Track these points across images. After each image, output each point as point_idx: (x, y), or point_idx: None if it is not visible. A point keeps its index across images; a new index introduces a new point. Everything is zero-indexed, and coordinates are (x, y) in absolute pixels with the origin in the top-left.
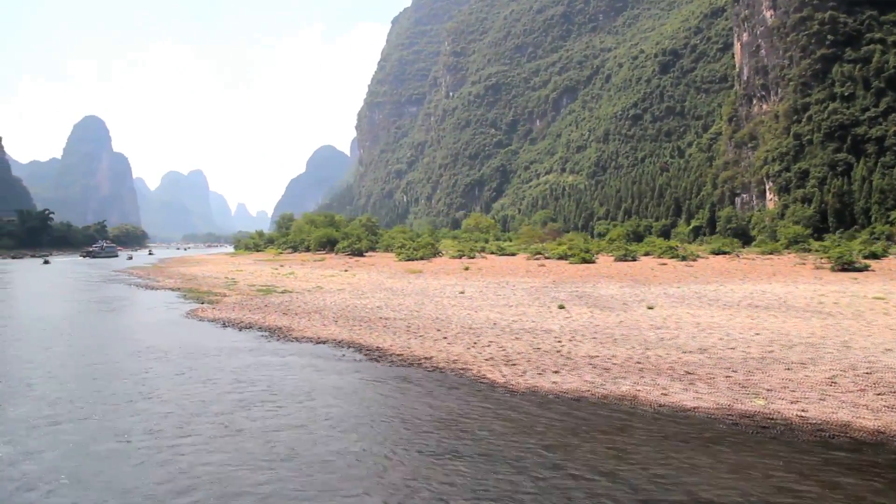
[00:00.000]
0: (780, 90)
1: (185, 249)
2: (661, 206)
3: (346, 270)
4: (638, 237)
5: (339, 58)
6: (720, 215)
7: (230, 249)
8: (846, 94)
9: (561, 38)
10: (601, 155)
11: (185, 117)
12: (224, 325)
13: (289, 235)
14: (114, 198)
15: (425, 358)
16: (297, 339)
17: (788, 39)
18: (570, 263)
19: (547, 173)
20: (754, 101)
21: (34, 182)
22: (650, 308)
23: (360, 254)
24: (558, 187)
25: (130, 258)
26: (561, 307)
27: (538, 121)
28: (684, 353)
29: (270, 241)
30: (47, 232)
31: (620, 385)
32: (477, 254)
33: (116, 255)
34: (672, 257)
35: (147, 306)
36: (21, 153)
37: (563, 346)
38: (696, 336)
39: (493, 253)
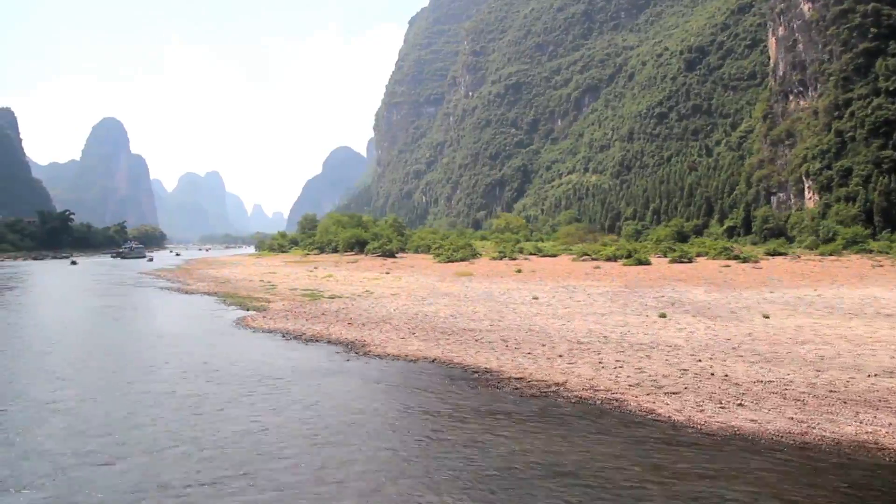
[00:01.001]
0: (819, 86)
1: (207, 251)
2: (691, 205)
3: (387, 273)
4: (682, 237)
5: (355, 59)
6: (756, 215)
7: (248, 250)
8: (891, 88)
9: (582, 37)
10: (625, 154)
11: (202, 119)
12: (285, 338)
13: (315, 236)
14: (131, 199)
15: (555, 384)
16: (379, 356)
17: (828, 33)
18: (625, 265)
19: (569, 173)
20: (791, 98)
21: (53, 184)
22: (767, 317)
23: (391, 255)
24: (581, 187)
25: (151, 260)
26: (663, 316)
27: (559, 120)
28: (871, 376)
29: (294, 242)
30: (68, 233)
31: (841, 425)
32: (518, 255)
33: (145, 256)
34: (729, 258)
35: (188, 314)
36: (40, 155)
37: (710, 366)
38: (859, 354)
39: (532, 254)
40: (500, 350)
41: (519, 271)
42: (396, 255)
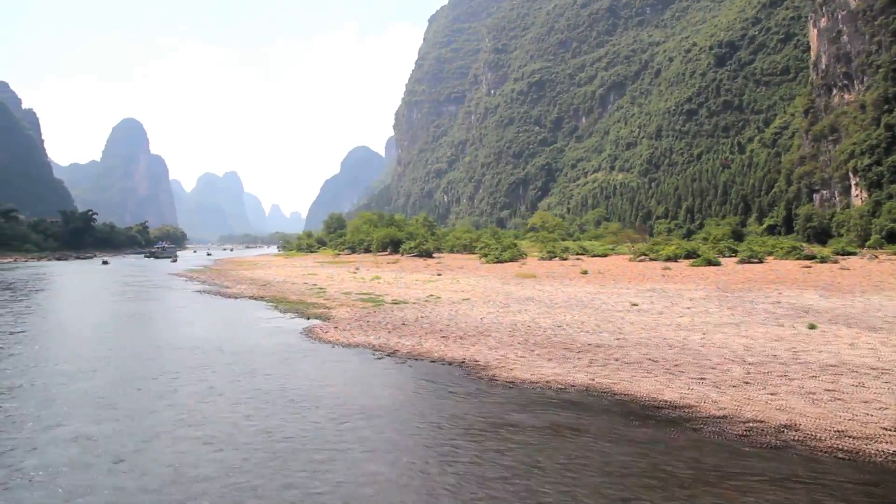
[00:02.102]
0: (866, 78)
1: (231, 250)
2: (726, 204)
3: (439, 275)
4: (738, 236)
5: (370, 59)
6: (798, 213)
7: (269, 251)
8: None
9: (607, 33)
10: (653, 152)
11: (221, 120)
12: (375, 355)
13: (345, 236)
14: (151, 199)
15: (782, 426)
16: (510, 383)
17: (876, 23)
18: (693, 265)
19: (595, 171)
20: (834, 91)
21: (74, 184)
22: None
23: (428, 255)
24: (608, 186)
25: (175, 260)
26: (811, 327)
27: (584, 118)
28: None
29: (321, 242)
30: (91, 233)
31: None
32: (567, 255)
33: (175, 256)
34: (799, 258)
35: (241, 322)
36: (62, 156)
37: None
38: None
39: (579, 254)
40: (660, 374)
41: (585, 273)
42: (433, 256)
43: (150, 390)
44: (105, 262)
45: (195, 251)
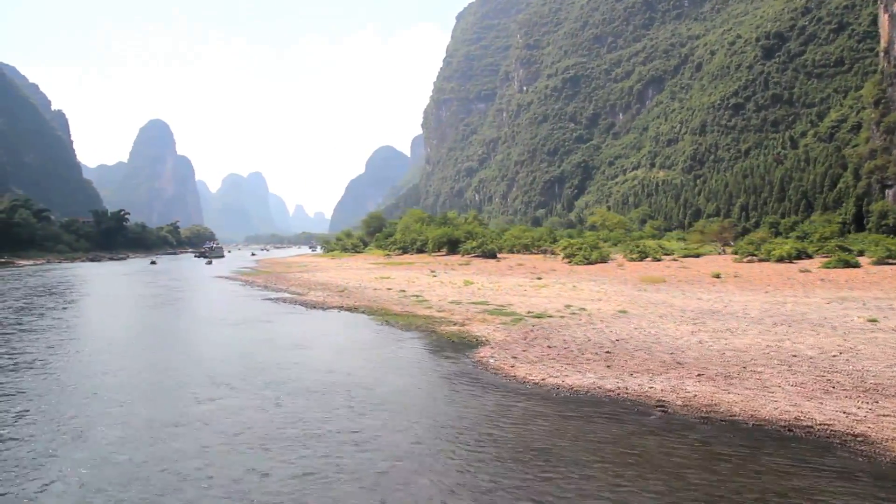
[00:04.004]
0: None
1: (267, 251)
2: (784, 200)
3: (539, 278)
4: (843, 234)
5: (394, 59)
6: (871, 210)
7: (301, 250)
8: None
9: (643, 27)
10: (697, 148)
11: (245, 120)
12: (640, 409)
13: (395, 235)
14: (178, 200)
15: None
16: None
17: None
18: (829, 267)
19: (634, 168)
20: None
21: (102, 185)
22: None
23: (492, 255)
24: (650, 183)
25: (210, 262)
26: None
27: (621, 114)
28: None
29: (363, 242)
30: (122, 233)
31: None
32: (661, 256)
33: (223, 256)
34: None
35: (364, 345)
36: (89, 157)
37: None
38: None
39: (667, 254)
40: None
41: (718, 276)
42: (497, 256)
43: (307, 454)
44: (153, 262)
45: (230, 251)
